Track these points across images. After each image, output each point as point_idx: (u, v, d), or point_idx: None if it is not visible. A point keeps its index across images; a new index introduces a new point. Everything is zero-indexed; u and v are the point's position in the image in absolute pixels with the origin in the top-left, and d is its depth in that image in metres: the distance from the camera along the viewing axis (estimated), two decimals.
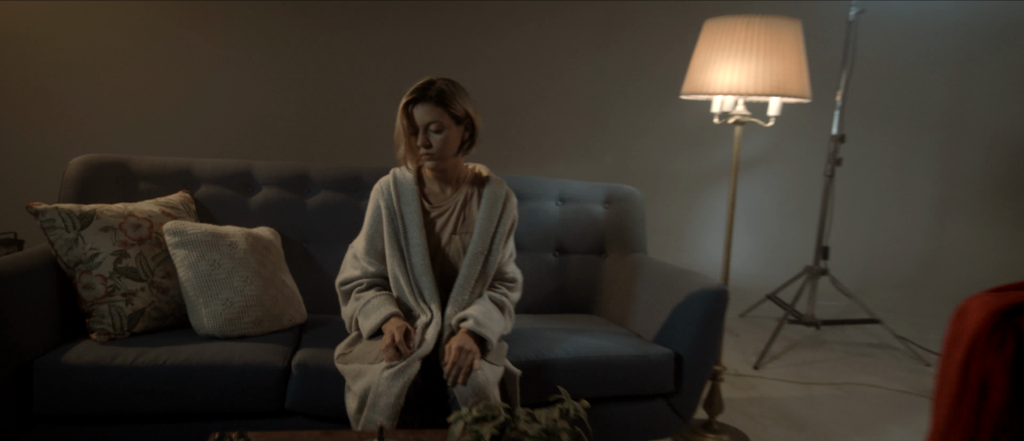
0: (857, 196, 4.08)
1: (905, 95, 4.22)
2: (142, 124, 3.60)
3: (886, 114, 4.19)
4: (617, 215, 2.15)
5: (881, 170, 4.27)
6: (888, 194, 4.33)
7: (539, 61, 3.92)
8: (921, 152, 4.36)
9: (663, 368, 1.65)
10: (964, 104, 4.34)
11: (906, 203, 4.40)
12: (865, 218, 4.19)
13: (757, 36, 1.81)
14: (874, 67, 3.92)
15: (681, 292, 1.72)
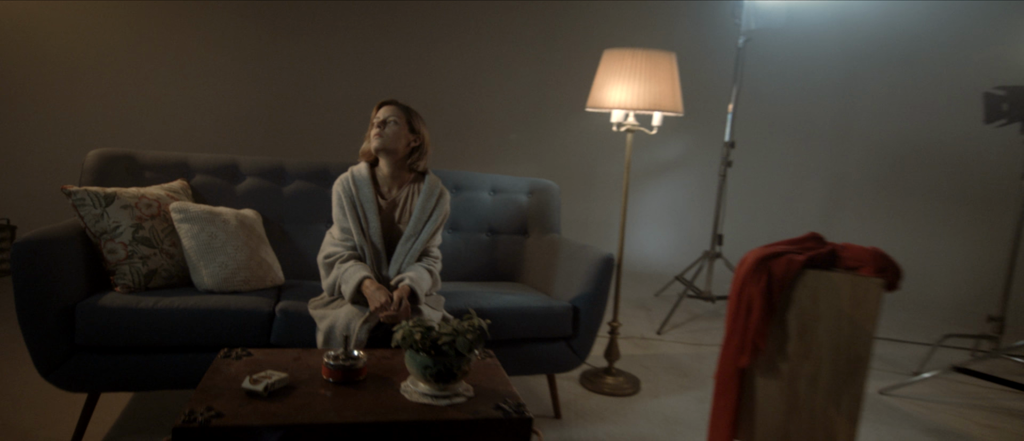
0: (757, 192, 4.69)
1: (800, 108, 4.85)
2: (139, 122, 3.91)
3: (783, 124, 4.82)
4: (538, 203, 2.62)
5: (780, 170, 4.90)
6: (786, 190, 4.97)
7: (481, 76, 4.38)
8: (813, 155, 5.01)
9: (564, 317, 2.12)
10: (849, 116, 5.01)
11: (801, 198, 5.05)
12: (764, 210, 4.80)
13: (641, 64, 2.30)
14: (771, 84, 4.53)
15: (580, 261, 2.20)
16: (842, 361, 1.43)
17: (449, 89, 4.35)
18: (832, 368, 1.44)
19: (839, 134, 5.01)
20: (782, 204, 4.92)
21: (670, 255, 4.49)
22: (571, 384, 2.54)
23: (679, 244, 4.59)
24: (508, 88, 4.44)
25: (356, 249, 1.94)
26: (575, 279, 2.19)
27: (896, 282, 1.45)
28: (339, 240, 1.96)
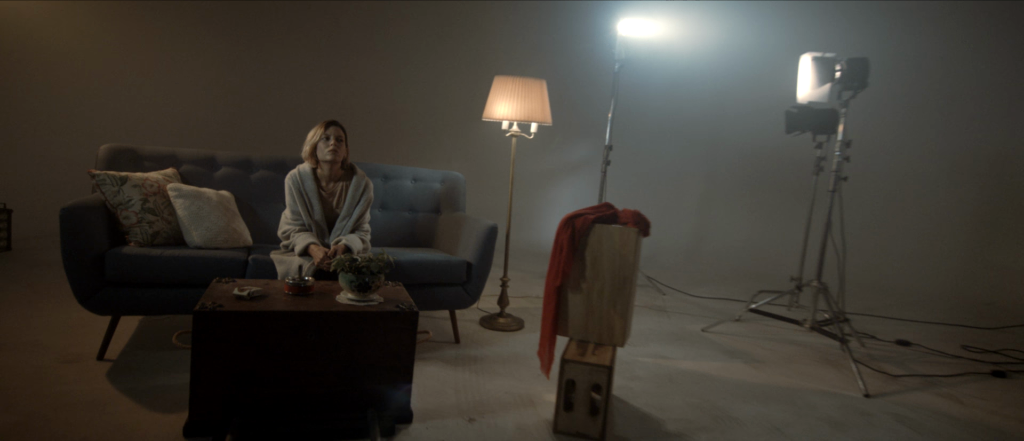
0: (643, 186, 5.58)
1: (679, 120, 5.80)
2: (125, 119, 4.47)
3: (665, 133, 5.75)
4: (448, 189, 3.38)
5: (664, 169, 5.83)
6: (670, 185, 5.90)
7: (414, 89, 5.11)
8: (692, 159, 5.97)
9: (460, 269, 2.88)
10: (721, 127, 5.99)
11: (683, 195, 6.00)
12: (650, 201, 5.70)
13: (519, 87, 3.10)
14: (650, 102, 5.43)
15: (474, 230, 2.97)
16: (617, 280, 2.24)
17: (386, 98, 5.06)
18: (611, 285, 2.25)
19: (712, 142, 5.99)
20: (668, 196, 5.86)
21: None
22: (472, 324, 3.30)
23: None
24: (436, 101, 5.18)
25: (305, 227, 2.66)
26: (470, 243, 2.96)
27: (647, 231, 2.28)
28: (291, 220, 2.67)
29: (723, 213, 6.02)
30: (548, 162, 5.38)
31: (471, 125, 4.82)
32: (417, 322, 2.06)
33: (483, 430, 2.06)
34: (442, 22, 5.11)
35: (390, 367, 2.02)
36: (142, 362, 2.39)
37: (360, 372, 1.98)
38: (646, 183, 5.73)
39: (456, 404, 2.26)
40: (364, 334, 1.97)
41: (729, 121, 5.89)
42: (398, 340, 2.02)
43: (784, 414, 2.43)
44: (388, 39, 5.06)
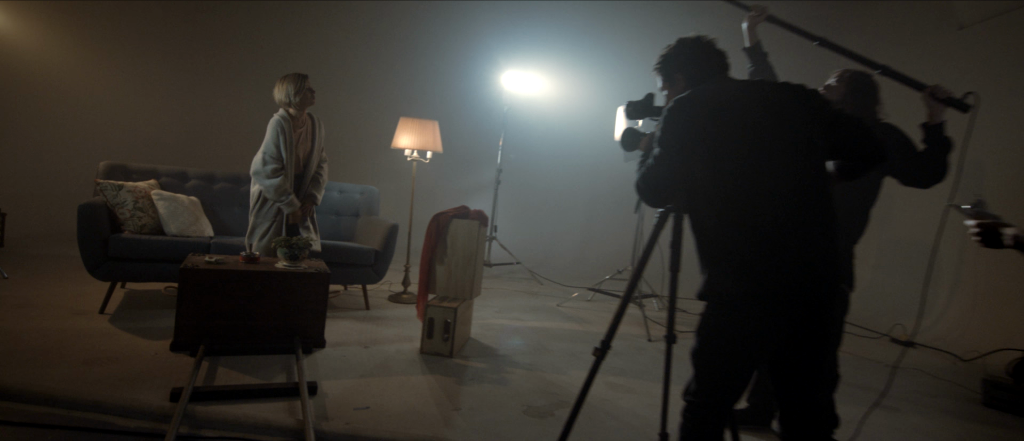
0: (531, 202, 6.69)
1: (566, 148, 6.97)
2: (106, 138, 5.22)
3: (553, 159, 6.90)
4: (366, 199, 4.36)
5: (552, 189, 6.97)
6: (558, 203, 7.04)
7: (341, 117, 6.06)
8: (578, 180, 7.14)
9: (369, 255, 3.85)
10: (601, 153, 7.19)
11: (571, 209, 7.15)
12: (537, 214, 6.82)
13: (416, 126, 4.13)
14: (538, 135, 6.57)
15: (381, 227, 3.95)
16: (467, 256, 3.27)
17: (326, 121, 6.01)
18: (463, 259, 3.28)
19: (594, 167, 7.19)
20: (556, 211, 7.00)
21: None
22: (382, 298, 4.26)
23: None
24: (359, 130, 6.14)
25: (281, 168, 3.40)
26: (378, 237, 3.94)
27: (486, 223, 3.34)
28: (270, 161, 3.37)
29: (604, 225, 7.21)
30: (457, 183, 6.42)
31: (387, 151, 5.76)
32: (328, 281, 3.02)
33: (372, 352, 3.03)
34: (363, 69, 6.11)
35: (310, 310, 2.96)
36: (132, 314, 3.24)
37: (290, 312, 2.92)
38: (540, 201, 6.84)
39: (357, 339, 3.22)
40: (293, 288, 2.91)
41: (606, 152, 7.12)
42: (316, 292, 2.97)
43: (582, 348, 3.50)
44: (325, 80, 6.02)
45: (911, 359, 3.93)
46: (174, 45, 5.71)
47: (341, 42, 6.03)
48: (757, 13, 2.43)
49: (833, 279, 1.47)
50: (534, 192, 6.69)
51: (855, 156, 1.60)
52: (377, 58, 6.05)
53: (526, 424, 2.32)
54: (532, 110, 5.96)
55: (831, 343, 1.54)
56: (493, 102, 5.96)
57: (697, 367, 1.55)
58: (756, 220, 1.45)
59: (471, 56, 6.00)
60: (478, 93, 6.02)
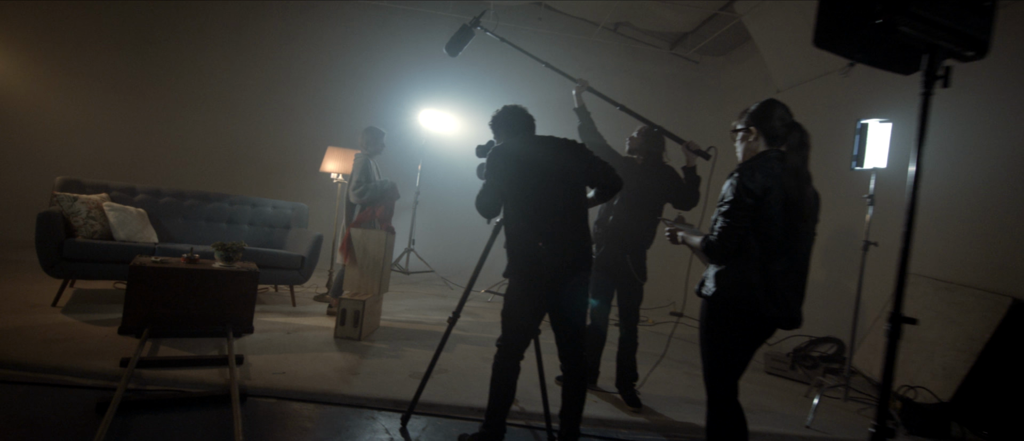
0: (447, 217, 7.35)
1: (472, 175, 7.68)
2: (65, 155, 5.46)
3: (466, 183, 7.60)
4: (296, 214, 4.88)
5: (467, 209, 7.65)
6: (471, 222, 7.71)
7: (275, 142, 6.54)
8: None
9: (297, 260, 4.36)
10: None
11: (480, 227, 7.85)
12: (452, 226, 7.46)
13: (341, 153, 4.72)
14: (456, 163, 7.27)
15: (308, 237, 4.48)
16: (376, 260, 3.88)
17: (256, 149, 6.45)
18: (373, 265, 3.89)
19: None
20: (467, 228, 7.66)
21: (394, 251, 6.94)
22: (309, 299, 4.77)
23: (399, 242, 7.07)
24: (293, 153, 6.63)
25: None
26: (305, 245, 4.47)
27: (393, 232, 3.98)
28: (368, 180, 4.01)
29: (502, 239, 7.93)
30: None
31: (317, 174, 6.20)
32: (257, 279, 3.54)
33: (293, 337, 3.56)
34: (298, 101, 6.61)
35: (241, 302, 3.47)
36: (82, 307, 3.61)
37: (223, 304, 3.42)
38: (454, 219, 7.49)
39: (282, 328, 3.74)
40: (226, 283, 3.42)
41: None
42: (246, 287, 3.48)
43: (473, 334, 4.16)
44: (264, 110, 6.49)
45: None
46: (126, 74, 6.03)
47: (278, 76, 6.54)
48: (581, 85, 3.24)
49: (583, 268, 2.22)
50: (449, 211, 7.35)
51: (603, 185, 2.37)
52: (311, 92, 6.58)
53: (409, 383, 2.93)
54: (446, 142, 6.62)
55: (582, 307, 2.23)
56: (413, 135, 6.61)
57: (503, 323, 2.25)
58: (538, 229, 2.19)
59: (393, 96, 6.65)
60: (399, 127, 6.65)
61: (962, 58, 1.26)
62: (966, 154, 4.00)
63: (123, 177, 4.98)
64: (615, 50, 7.61)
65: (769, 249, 1.82)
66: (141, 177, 5.62)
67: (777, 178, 1.83)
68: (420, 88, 6.56)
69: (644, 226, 3.12)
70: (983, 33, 1.25)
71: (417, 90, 6.57)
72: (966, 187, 3.97)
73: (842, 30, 1.30)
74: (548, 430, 2.46)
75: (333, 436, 2.27)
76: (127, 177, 5.12)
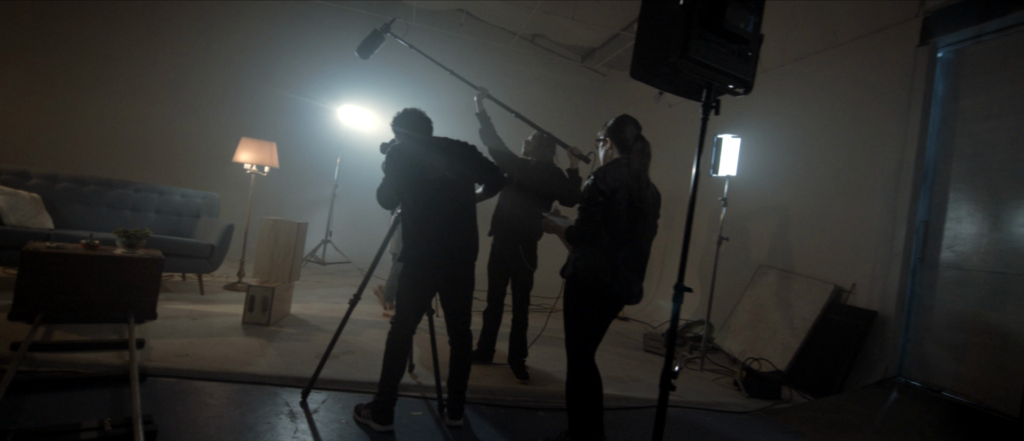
0: (362, 210, 7.39)
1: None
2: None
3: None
4: (207, 203, 4.77)
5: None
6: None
7: (188, 129, 6.31)
8: None
9: (206, 249, 4.29)
10: None
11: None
12: (366, 219, 7.52)
13: (255, 145, 4.68)
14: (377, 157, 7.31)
15: (219, 226, 4.42)
16: (288, 249, 3.93)
17: (166, 136, 6.17)
18: (284, 251, 3.93)
19: None
20: (385, 221, 7.73)
21: (309, 244, 6.88)
22: (219, 288, 4.69)
23: (314, 237, 7.02)
24: (208, 140, 6.41)
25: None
26: (215, 233, 4.40)
27: (305, 229, 4.04)
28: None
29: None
30: (299, 194, 6.88)
31: (230, 164, 6.02)
32: (161, 266, 3.49)
33: (199, 323, 3.54)
34: (209, 88, 6.39)
35: (144, 288, 3.41)
36: None
37: (125, 290, 3.34)
38: (373, 212, 7.54)
39: (189, 313, 3.70)
40: (127, 270, 3.35)
41: None
42: (149, 274, 3.43)
43: (383, 321, 4.30)
44: (173, 96, 6.21)
45: (622, 326, 5.30)
46: (22, 52, 5.55)
47: (191, 63, 6.28)
48: (481, 93, 3.49)
49: (469, 257, 2.47)
50: (367, 204, 7.36)
51: (490, 182, 2.63)
52: (225, 81, 6.38)
53: (314, 364, 3.03)
54: (365, 137, 6.62)
55: (468, 291, 2.49)
56: (333, 129, 6.58)
57: (396, 303, 2.45)
58: (429, 220, 2.40)
59: (312, 90, 6.58)
60: (318, 121, 6.61)
61: (734, 93, 1.62)
62: (802, 165, 4.67)
63: (16, 160, 4.65)
64: (532, 59, 7.97)
65: (616, 239, 2.15)
66: (37, 161, 5.25)
67: (624, 181, 2.16)
68: (340, 84, 6.55)
69: (535, 220, 3.43)
70: (748, 76, 1.61)
71: (337, 85, 6.56)
72: (802, 193, 4.64)
73: (650, 67, 1.62)
74: (438, 399, 2.69)
75: (232, 409, 2.37)
76: (21, 160, 4.79)
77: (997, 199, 3.40)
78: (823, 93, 4.60)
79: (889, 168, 3.93)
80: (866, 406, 3.35)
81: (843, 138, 4.35)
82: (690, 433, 2.87)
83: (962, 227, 3.58)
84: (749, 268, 5.01)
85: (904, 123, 3.88)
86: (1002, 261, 3.32)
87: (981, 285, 3.41)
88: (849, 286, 4.04)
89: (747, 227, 5.17)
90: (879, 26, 4.19)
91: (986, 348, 3.30)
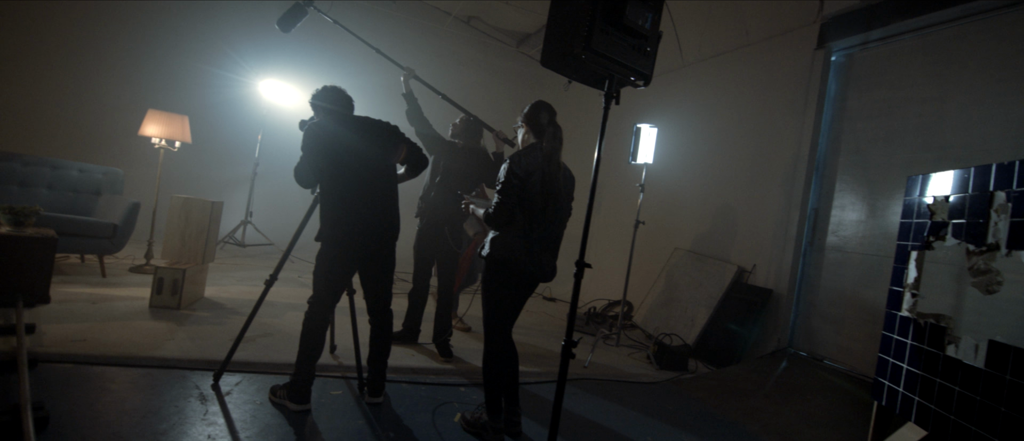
0: (283, 190, 7.15)
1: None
2: None
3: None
4: (109, 179, 4.44)
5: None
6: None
7: (91, 102, 5.82)
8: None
9: (108, 228, 4.01)
10: None
11: None
12: (289, 199, 7.28)
13: (164, 118, 4.40)
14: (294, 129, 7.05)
15: (122, 204, 4.14)
16: (200, 230, 3.76)
17: (70, 108, 5.65)
18: (196, 232, 3.76)
19: None
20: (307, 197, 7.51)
21: (227, 225, 6.56)
22: (124, 270, 4.41)
23: (233, 217, 6.70)
24: (112, 112, 5.93)
25: None
26: (119, 212, 4.12)
27: (220, 208, 3.87)
28: None
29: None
30: (217, 173, 6.53)
31: (135, 137, 5.55)
32: (54, 246, 3.24)
33: (99, 307, 3.34)
34: (113, 57, 5.90)
35: (34, 270, 3.15)
36: None
37: (11, 272, 3.08)
38: (296, 192, 7.29)
39: (87, 298, 3.47)
40: (15, 250, 3.09)
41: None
42: (40, 254, 3.17)
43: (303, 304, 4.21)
44: (73, 64, 5.68)
45: (551, 308, 5.50)
46: None
47: (91, 29, 5.75)
48: (408, 73, 3.49)
49: (389, 237, 2.50)
50: (290, 183, 7.09)
51: (412, 164, 2.66)
52: (130, 48, 5.89)
53: (229, 347, 2.97)
54: (289, 114, 6.35)
55: (388, 271, 2.52)
56: (253, 104, 6.27)
57: (314, 282, 2.44)
58: (348, 200, 2.40)
59: (228, 62, 6.22)
60: (236, 94, 6.26)
61: (634, 85, 1.75)
62: (714, 155, 5.02)
63: None
64: (468, 42, 7.93)
65: (530, 220, 2.26)
66: None
67: (537, 164, 2.27)
68: (261, 57, 6.24)
69: (461, 201, 3.49)
70: (647, 69, 1.75)
71: (258, 58, 6.24)
72: (713, 181, 5.00)
73: (558, 57, 1.72)
74: (359, 378, 2.72)
75: (136, 394, 2.29)
76: None
77: (873, 190, 3.85)
78: (735, 88, 4.96)
79: (787, 160, 4.32)
80: (759, 374, 3.72)
81: (750, 131, 4.72)
82: (604, 402, 3.08)
83: (845, 214, 4.02)
84: (666, 251, 5.34)
85: (801, 119, 4.27)
86: (875, 245, 3.77)
87: (858, 266, 3.85)
88: (750, 267, 4.43)
89: (664, 212, 5.50)
90: (784, 29, 4.56)
91: (860, 321, 3.75)
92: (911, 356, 2.15)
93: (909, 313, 2.20)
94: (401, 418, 2.46)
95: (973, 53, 3.37)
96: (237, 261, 5.55)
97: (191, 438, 2.00)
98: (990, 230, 1.86)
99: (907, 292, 2.23)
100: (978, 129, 3.28)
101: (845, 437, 2.82)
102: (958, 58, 3.44)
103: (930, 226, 2.17)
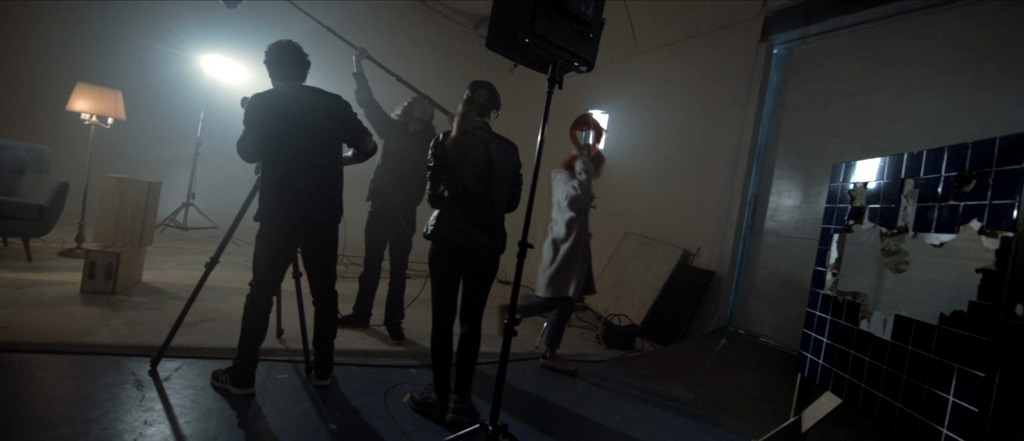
0: (226, 172, 6.89)
1: None
2: None
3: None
4: (34, 157, 4.16)
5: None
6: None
7: (16, 72, 5.41)
8: None
9: (33, 209, 3.77)
10: None
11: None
12: (232, 181, 7.04)
13: (95, 92, 4.14)
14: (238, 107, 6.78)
15: (50, 184, 3.89)
16: (136, 212, 3.59)
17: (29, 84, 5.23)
18: (131, 214, 3.59)
19: None
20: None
21: (167, 207, 6.28)
22: (53, 254, 4.16)
23: (174, 199, 6.42)
24: (36, 86, 5.54)
25: None
26: (46, 193, 3.88)
27: (157, 189, 3.71)
28: None
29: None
30: (156, 152, 6.22)
31: (63, 113, 5.23)
32: None
33: (25, 293, 3.15)
34: (35, 27, 5.52)
35: None
36: None
37: None
38: (242, 173, 7.03)
39: (12, 282, 3.27)
40: None
41: None
42: None
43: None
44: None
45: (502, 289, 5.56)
46: None
47: None
48: (360, 53, 3.42)
49: (332, 217, 2.46)
50: (235, 163, 6.85)
51: (360, 149, 2.62)
52: (55, 17, 5.49)
53: (167, 331, 2.87)
54: (233, 90, 6.08)
55: (331, 252, 2.50)
56: (194, 80, 5.98)
57: (254, 265, 2.39)
58: (290, 176, 2.35)
59: (167, 36, 5.89)
60: (176, 70, 5.96)
61: (578, 70, 1.80)
62: (664, 142, 5.18)
63: None
64: (424, 23, 7.80)
65: (461, 199, 2.27)
66: None
67: (453, 139, 2.27)
68: (204, 31, 5.94)
69: (414, 184, 3.48)
70: (590, 55, 1.80)
71: (201, 33, 5.94)
72: (663, 166, 5.16)
73: (504, 40, 1.74)
74: (306, 361, 2.70)
75: (65, 381, 2.20)
76: None
77: (808, 178, 4.08)
78: (684, 77, 5.11)
79: (730, 147, 4.51)
80: (700, 351, 3.92)
81: (697, 119, 4.89)
82: (552, 380, 3.18)
83: (782, 200, 4.25)
84: (618, 234, 5.49)
85: (744, 109, 4.46)
86: (807, 229, 4.01)
87: (792, 249, 4.09)
88: (695, 250, 4.62)
89: (616, 197, 5.65)
90: (731, 21, 4.73)
91: (792, 301, 4.00)
92: (830, 331, 2.33)
93: (830, 291, 2.37)
94: (349, 399, 2.47)
95: (899, 50, 3.60)
96: (178, 245, 5.33)
97: (126, 424, 1.95)
98: (900, 214, 2.02)
99: (829, 272, 2.40)
100: (900, 122, 3.53)
101: (773, 407, 3.02)
102: (886, 55, 3.67)
103: (850, 211, 2.34)
